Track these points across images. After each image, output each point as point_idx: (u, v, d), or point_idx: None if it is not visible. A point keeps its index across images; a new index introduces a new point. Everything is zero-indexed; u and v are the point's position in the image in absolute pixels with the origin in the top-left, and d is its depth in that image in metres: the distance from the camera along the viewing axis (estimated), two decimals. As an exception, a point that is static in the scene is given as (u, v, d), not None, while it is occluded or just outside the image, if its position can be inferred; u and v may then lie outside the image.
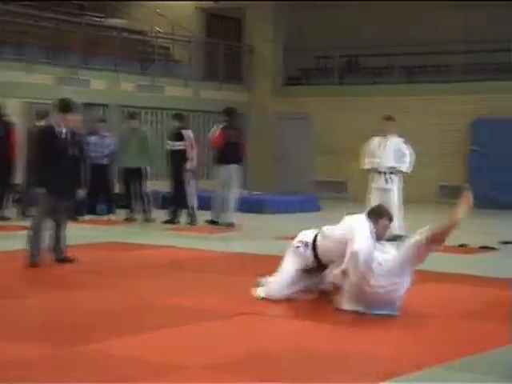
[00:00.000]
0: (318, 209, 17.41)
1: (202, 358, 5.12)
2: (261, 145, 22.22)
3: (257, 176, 21.96)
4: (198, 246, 10.84)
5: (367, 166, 12.48)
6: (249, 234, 12.58)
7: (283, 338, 5.76)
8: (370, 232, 6.67)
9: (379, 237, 6.78)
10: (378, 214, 6.89)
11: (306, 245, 6.95)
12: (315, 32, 22.18)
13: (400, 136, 12.44)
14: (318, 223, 14.80)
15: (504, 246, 11.44)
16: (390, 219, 6.94)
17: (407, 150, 12.28)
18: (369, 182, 12.48)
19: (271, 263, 9.55)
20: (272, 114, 22.23)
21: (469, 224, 15.21)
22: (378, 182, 12.31)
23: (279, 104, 22.11)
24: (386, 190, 12.27)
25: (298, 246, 7.01)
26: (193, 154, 13.87)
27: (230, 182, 13.73)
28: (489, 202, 18.53)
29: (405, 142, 12.36)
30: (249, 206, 16.21)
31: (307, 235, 7.09)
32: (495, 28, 19.66)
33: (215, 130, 13.87)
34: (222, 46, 21.88)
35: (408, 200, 12.83)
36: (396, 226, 11.93)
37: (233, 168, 13.71)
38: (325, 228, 7.06)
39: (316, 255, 6.92)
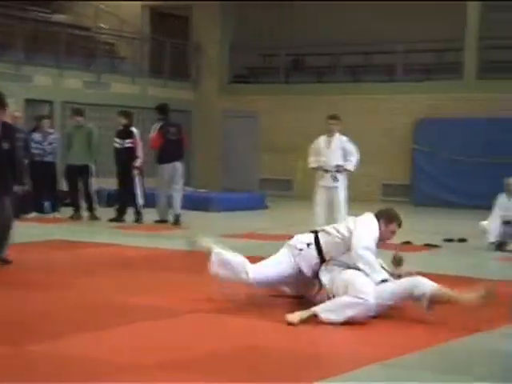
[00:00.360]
0: (264, 207, 17.47)
1: (154, 357, 5.09)
2: (208, 143, 22.20)
3: (203, 174, 21.94)
4: (147, 245, 10.78)
5: (314, 165, 12.55)
6: (194, 232, 12.51)
7: (233, 336, 5.76)
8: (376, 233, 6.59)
9: (383, 240, 6.69)
10: (389, 218, 6.72)
11: (308, 244, 6.76)
12: (262, 30, 22.23)
13: (345, 135, 12.54)
14: (265, 221, 14.96)
15: (447, 243, 11.62)
16: (400, 225, 6.77)
17: (352, 149, 12.40)
18: (315, 180, 12.57)
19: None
20: (219, 111, 22.22)
21: (413, 222, 15.43)
22: (324, 181, 12.39)
23: (226, 102, 22.11)
24: (332, 188, 12.36)
25: (301, 249, 6.74)
26: (140, 151, 13.79)
27: (173, 179, 13.67)
28: (432, 200, 18.82)
29: (350, 141, 12.48)
30: (195, 203, 16.18)
31: (305, 237, 6.89)
32: (439, 28, 19.95)
33: (154, 130, 13.77)
34: (169, 44, 21.79)
35: (353, 198, 12.93)
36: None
37: (175, 165, 13.66)
38: (327, 227, 6.92)
39: (320, 252, 6.73)
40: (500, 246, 10.88)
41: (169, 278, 8.22)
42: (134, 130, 13.93)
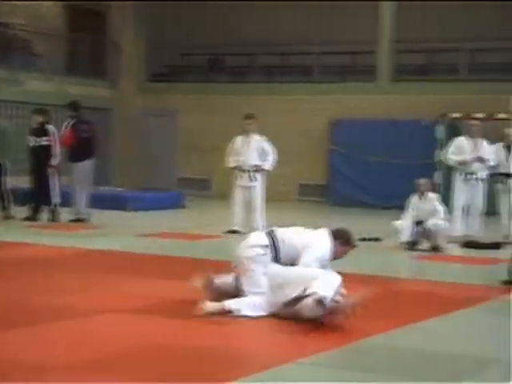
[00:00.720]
0: (182, 206, 17.44)
1: (64, 358, 5.03)
2: (127, 141, 22.02)
3: (122, 172, 21.76)
4: (61, 244, 10.64)
5: (232, 165, 12.63)
6: (112, 231, 12.45)
7: (145, 335, 5.72)
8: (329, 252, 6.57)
9: (335, 258, 6.71)
10: (347, 241, 6.72)
11: (266, 247, 6.48)
12: (179, 29, 22.19)
13: (263, 135, 12.65)
14: (182, 220, 14.93)
15: (361, 242, 11.79)
16: (354, 247, 6.81)
17: (269, 149, 12.53)
18: (233, 179, 12.63)
19: (134, 260, 9.60)
20: (137, 110, 22.07)
21: (329, 221, 15.61)
22: (242, 180, 12.47)
23: (145, 100, 21.97)
24: (249, 188, 12.47)
25: (263, 254, 6.44)
26: (57, 150, 13.60)
27: (83, 177, 13.53)
28: (348, 200, 19.10)
29: (267, 141, 12.59)
30: (112, 202, 16.04)
31: (261, 238, 6.58)
32: (354, 30, 20.27)
33: (65, 127, 13.61)
34: (85, 41, 21.51)
35: (270, 198, 13.05)
36: (258, 223, 12.18)
37: (86, 164, 13.52)
38: (278, 231, 6.64)
39: (277, 258, 6.51)
40: (412, 245, 11.13)
41: (83, 277, 8.13)
42: (50, 127, 13.72)
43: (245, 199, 12.51)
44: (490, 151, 12.33)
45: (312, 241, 6.61)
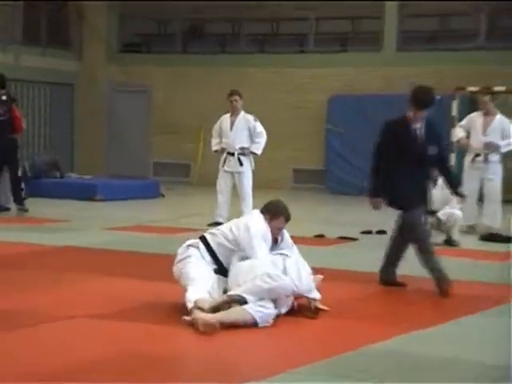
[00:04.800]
0: (159, 195, 17.47)
1: (30, 367, 5.08)
2: (92, 121, 22.00)
3: (87, 157, 21.75)
4: (20, 239, 10.64)
5: (216, 148, 12.65)
6: (79, 225, 12.47)
7: (119, 341, 5.76)
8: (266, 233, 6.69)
9: (274, 237, 6.78)
10: (274, 213, 6.80)
11: (198, 246, 6.73)
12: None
13: (249, 113, 12.66)
14: (158, 212, 14.93)
15: (365, 236, 11.86)
16: (287, 219, 6.85)
17: (260, 129, 12.53)
18: (218, 164, 12.66)
19: (103, 258, 9.61)
20: (105, 85, 22.03)
21: (328, 212, 15.63)
22: (228, 165, 12.49)
23: (114, 74, 21.93)
24: (236, 173, 12.48)
25: (196, 247, 6.72)
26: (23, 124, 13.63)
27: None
28: (349, 186, 19.15)
29: (255, 120, 12.60)
30: (78, 192, 16.07)
31: (191, 241, 6.87)
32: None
33: None
34: (45, 6, 21.43)
35: (260, 186, 13.09)
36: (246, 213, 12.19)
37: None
38: (212, 230, 6.92)
39: (215, 257, 6.71)
40: (422, 238, 11.15)
41: (45, 278, 8.12)
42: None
43: (231, 186, 12.54)
44: (505, 133, 12.24)
45: (242, 226, 6.72)
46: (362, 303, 7.33)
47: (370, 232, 12.11)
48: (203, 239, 6.81)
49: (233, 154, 12.47)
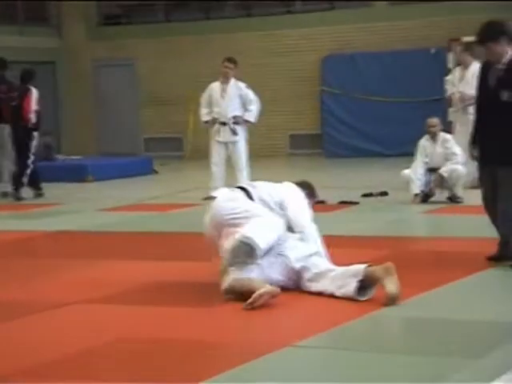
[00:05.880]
0: (152, 171, 17.49)
1: (29, 359, 5.12)
2: (77, 99, 21.96)
3: (74, 137, 21.73)
4: (10, 226, 10.68)
5: (207, 118, 12.63)
6: (70, 208, 12.49)
7: (120, 328, 5.76)
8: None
9: None
10: (312, 192, 6.97)
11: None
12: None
13: (241, 80, 12.65)
14: (154, 189, 14.98)
15: (366, 199, 11.92)
16: (318, 202, 7.12)
17: (253, 96, 12.51)
18: (210, 135, 12.66)
19: (99, 240, 9.64)
20: (88, 60, 21.97)
21: (327, 176, 15.69)
22: (220, 135, 12.48)
23: (97, 49, 21.86)
24: (230, 144, 12.49)
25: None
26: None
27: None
28: (348, 150, 19.18)
29: (247, 87, 12.59)
30: (68, 173, 16.08)
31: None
32: None
33: None
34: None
35: (256, 153, 13.13)
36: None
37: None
38: (252, 183, 6.97)
39: None
40: (426, 196, 11.23)
41: (39, 264, 8.17)
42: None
43: (225, 157, 12.55)
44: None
45: (288, 194, 6.77)
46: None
47: (371, 194, 12.16)
48: (243, 189, 6.74)
49: (225, 124, 12.44)
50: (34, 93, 13.65)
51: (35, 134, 13.74)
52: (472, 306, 6.05)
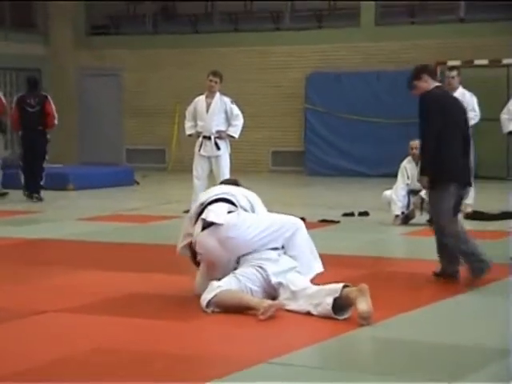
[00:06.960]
0: (133, 183, 17.46)
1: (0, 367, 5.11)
2: (61, 107, 21.85)
3: (57, 145, 21.64)
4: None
5: (191, 131, 12.64)
6: (50, 216, 12.47)
7: (90, 339, 5.76)
8: None
9: None
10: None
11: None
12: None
13: (226, 95, 12.67)
14: (135, 200, 14.96)
15: (347, 218, 11.94)
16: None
17: (237, 112, 12.53)
18: (194, 149, 12.67)
19: (76, 250, 9.63)
20: (74, 69, 21.96)
21: (308, 194, 15.70)
22: (204, 149, 12.49)
23: (83, 58, 21.85)
24: (214, 158, 12.48)
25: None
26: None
27: None
28: (330, 169, 19.21)
29: (232, 102, 12.61)
30: (49, 181, 15.99)
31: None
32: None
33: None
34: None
35: (238, 169, 13.12)
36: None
37: None
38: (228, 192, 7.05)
39: None
40: (406, 219, 11.27)
41: (12, 272, 8.12)
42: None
43: (208, 171, 12.55)
44: (468, 107, 12.22)
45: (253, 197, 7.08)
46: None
47: (352, 214, 12.19)
48: (225, 200, 6.84)
49: (209, 138, 12.45)
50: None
51: (49, 137, 14.86)
52: (445, 329, 6.10)
